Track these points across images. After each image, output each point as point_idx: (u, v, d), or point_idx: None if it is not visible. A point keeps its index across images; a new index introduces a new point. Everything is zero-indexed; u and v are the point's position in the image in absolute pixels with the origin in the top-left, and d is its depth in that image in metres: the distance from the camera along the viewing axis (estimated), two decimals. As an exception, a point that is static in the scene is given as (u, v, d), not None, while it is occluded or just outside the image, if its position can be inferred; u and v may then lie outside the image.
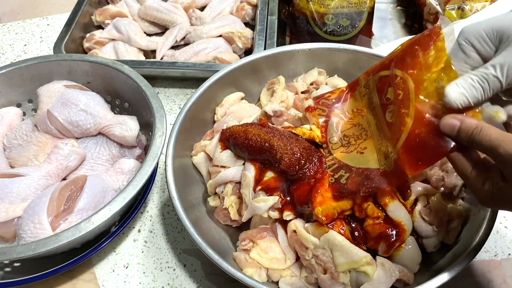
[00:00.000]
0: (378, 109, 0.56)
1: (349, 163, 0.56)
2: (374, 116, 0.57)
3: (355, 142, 0.58)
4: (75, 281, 0.64)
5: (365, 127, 0.58)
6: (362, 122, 0.59)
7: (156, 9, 0.99)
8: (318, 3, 0.89)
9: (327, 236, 0.52)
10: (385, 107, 0.54)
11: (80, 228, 0.54)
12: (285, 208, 0.56)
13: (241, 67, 0.73)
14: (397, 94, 0.50)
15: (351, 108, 0.61)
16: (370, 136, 0.57)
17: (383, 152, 0.53)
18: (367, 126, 0.58)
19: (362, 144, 0.57)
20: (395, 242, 0.53)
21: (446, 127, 0.43)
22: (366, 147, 0.56)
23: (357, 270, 0.51)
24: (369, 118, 0.58)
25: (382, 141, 0.54)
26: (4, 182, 0.63)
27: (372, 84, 0.58)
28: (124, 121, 0.71)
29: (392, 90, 0.52)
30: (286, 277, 0.56)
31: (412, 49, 0.49)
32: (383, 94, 0.54)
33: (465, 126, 0.42)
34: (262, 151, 0.58)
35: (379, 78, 0.56)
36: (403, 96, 0.49)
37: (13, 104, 0.78)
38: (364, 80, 0.59)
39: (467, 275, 0.63)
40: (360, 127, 0.59)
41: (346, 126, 0.60)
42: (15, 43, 1.07)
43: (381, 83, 0.55)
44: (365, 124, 0.58)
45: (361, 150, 0.56)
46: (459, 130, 0.42)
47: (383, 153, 0.53)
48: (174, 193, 0.58)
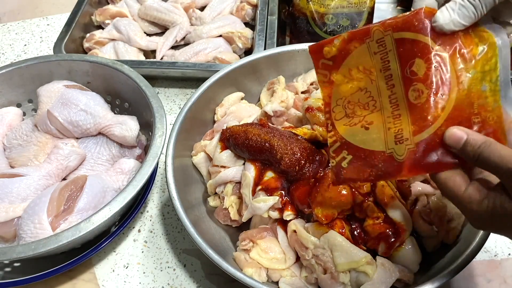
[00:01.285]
0: (397, 79, 0.47)
1: (352, 140, 0.49)
2: (388, 85, 0.47)
3: (360, 112, 0.49)
4: (75, 281, 0.64)
5: (373, 96, 0.49)
6: (370, 88, 0.49)
7: (156, 9, 0.99)
8: (318, 3, 0.89)
9: (327, 236, 0.52)
10: (409, 82, 0.45)
11: (80, 228, 0.54)
12: (285, 208, 0.56)
13: (241, 67, 0.73)
14: (430, 73, 0.43)
15: (357, 64, 0.50)
16: (379, 108, 0.48)
17: (393, 133, 0.46)
18: (377, 95, 0.48)
19: (369, 117, 0.49)
20: (395, 242, 0.53)
21: (451, 139, 0.41)
22: (373, 122, 0.48)
23: (357, 270, 0.51)
24: (381, 85, 0.48)
25: (394, 120, 0.46)
26: (4, 182, 0.63)
27: (389, 43, 0.47)
28: (124, 121, 0.71)
29: (422, 64, 0.44)
30: (286, 277, 0.56)
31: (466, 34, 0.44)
32: (407, 64, 0.46)
33: (472, 139, 0.40)
34: (262, 151, 0.58)
35: (402, 40, 0.46)
36: (440, 79, 0.43)
37: (13, 104, 0.78)
38: (378, 34, 0.48)
39: (467, 275, 0.63)
40: (368, 94, 0.49)
41: (350, 89, 0.50)
42: (15, 43, 1.07)
43: (405, 48, 0.46)
44: (375, 91, 0.49)
45: (367, 124, 0.48)
46: (466, 143, 0.40)
47: (393, 134, 0.46)
48: (174, 193, 0.58)
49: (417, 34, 0.45)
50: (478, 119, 0.42)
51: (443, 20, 0.42)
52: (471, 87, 0.43)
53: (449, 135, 0.41)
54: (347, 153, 0.49)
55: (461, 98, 0.43)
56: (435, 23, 0.42)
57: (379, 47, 0.48)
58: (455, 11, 0.42)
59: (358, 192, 0.54)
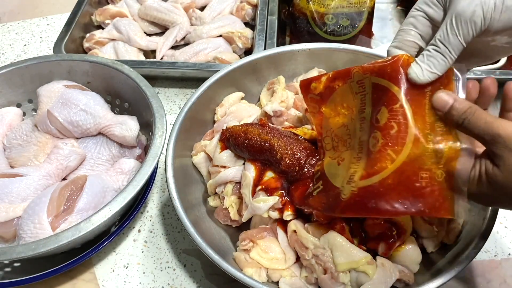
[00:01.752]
0: (367, 123, 0.47)
1: (327, 172, 0.51)
2: (361, 127, 0.48)
3: (341, 148, 0.51)
4: (75, 281, 0.64)
5: (350, 134, 0.50)
6: (350, 125, 0.50)
7: (156, 9, 0.99)
8: (318, 3, 0.89)
9: (327, 236, 0.52)
10: (373, 128, 0.46)
11: (80, 228, 0.54)
12: (285, 208, 0.56)
13: (241, 67, 0.73)
14: (389, 125, 0.44)
15: (342, 101, 0.51)
16: (350, 147, 0.49)
17: (349, 174, 0.47)
18: (352, 134, 0.50)
19: (344, 153, 0.50)
20: (395, 242, 0.53)
21: (437, 101, 0.42)
22: (344, 159, 0.50)
23: (357, 270, 0.51)
24: (356, 126, 0.49)
25: (356, 161, 0.47)
26: (4, 182, 0.63)
27: (368, 86, 0.48)
28: (124, 121, 0.71)
29: (385, 114, 0.44)
30: (286, 277, 0.56)
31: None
32: (376, 110, 0.46)
33: (458, 105, 0.41)
34: (262, 151, 0.58)
35: (377, 85, 0.47)
36: (396, 132, 0.43)
37: (13, 104, 0.78)
38: (358, 76, 0.49)
39: (467, 275, 0.63)
40: (348, 132, 0.51)
41: (337, 124, 0.52)
42: (15, 43, 1.07)
43: (378, 94, 0.46)
44: (352, 130, 0.50)
45: (340, 160, 0.50)
46: (452, 107, 0.41)
47: (349, 174, 0.47)
48: (174, 193, 0.58)
49: (389, 83, 0.45)
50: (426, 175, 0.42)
51: (416, 73, 0.43)
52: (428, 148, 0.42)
53: (436, 98, 0.42)
54: (321, 183, 0.51)
55: (414, 155, 0.42)
56: (409, 76, 0.43)
57: (359, 88, 0.49)
58: (424, 62, 0.43)
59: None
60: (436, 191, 0.42)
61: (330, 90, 0.52)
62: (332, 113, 0.53)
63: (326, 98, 0.53)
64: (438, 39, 0.42)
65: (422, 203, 0.42)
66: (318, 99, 0.54)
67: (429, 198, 0.42)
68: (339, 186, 0.48)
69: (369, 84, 0.48)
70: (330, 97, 0.53)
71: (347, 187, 0.47)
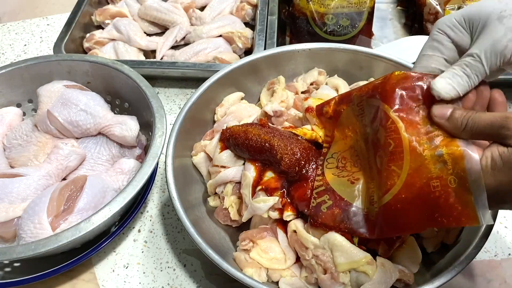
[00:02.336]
0: (370, 144, 0.49)
1: (336, 188, 0.51)
2: (366, 147, 0.50)
3: (350, 168, 0.52)
4: (75, 281, 0.64)
5: (359, 155, 0.52)
6: (356, 147, 0.52)
7: (156, 9, 0.99)
8: (318, 3, 0.89)
9: (327, 236, 0.52)
10: (376, 148, 0.48)
11: (80, 228, 0.54)
12: (285, 208, 0.56)
13: (241, 67, 0.73)
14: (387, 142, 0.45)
15: (348, 124, 0.54)
16: (362, 168, 0.51)
17: (369, 195, 0.49)
18: (360, 155, 0.52)
19: (356, 174, 0.51)
20: (395, 242, 0.53)
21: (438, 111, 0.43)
22: (359, 179, 0.51)
23: (357, 270, 0.51)
24: (362, 147, 0.51)
25: (371, 181, 0.49)
26: (4, 182, 0.63)
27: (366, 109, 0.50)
28: (124, 121, 0.71)
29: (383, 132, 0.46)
30: (286, 277, 0.56)
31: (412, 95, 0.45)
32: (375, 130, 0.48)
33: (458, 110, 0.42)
34: (262, 151, 0.58)
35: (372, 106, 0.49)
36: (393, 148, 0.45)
37: (13, 104, 0.78)
38: (357, 98, 0.51)
39: (467, 275, 0.63)
40: (355, 153, 0.52)
41: (344, 146, 0.54)
42: (15, 43, 1.07)
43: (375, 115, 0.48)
44: (359, 151, 0.52)
45: (353, 179, 0.51)
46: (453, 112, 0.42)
47: (369, 195, 0.49)
48: (174, 193, 0.58)
49: (380, 102, 0.47)
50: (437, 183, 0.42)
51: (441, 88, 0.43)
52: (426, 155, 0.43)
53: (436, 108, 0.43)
54: (328, 198, 0.51)
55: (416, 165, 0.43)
56: (433, 90, 0.43)
57: (359, 110, 0.51)
58: (450, 79, 0.43)
59: (358, 192, 0.54)
60: (451, 198, 0.41)
61: (337, 114, 0.55)
62: (341, 136, 0.54)
63: (335, 122, 0.55)
64: (465, 63, 0.43)
65: (439, 213, 0.42)
66: (330, 122, 0.56)
67: (445, 207, 0.41)
68: (363, 208, 0.49)
69: (366, 106, 0.50)
70: (338, 120, 0.55)
71: (372, 208, 0.48)
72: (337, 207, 0.51)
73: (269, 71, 0.76)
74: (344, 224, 0.50)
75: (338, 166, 0.53)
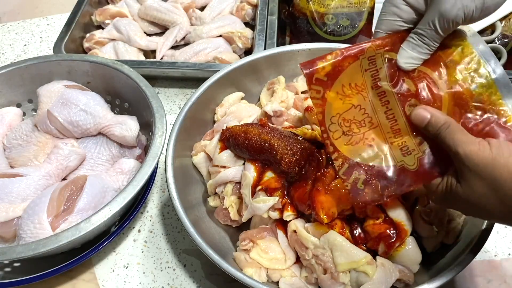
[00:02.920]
0: (392, 96, 0.49)
1: (360, 159, 0.49)
2: (382, 101, 0.49)
3: (358, 130, 0.49)
4: (75, 281, 0.64)
5: (368, 112, 0.50)
6: (364, 105, 0.50)
7: (156, 9, 0.99)
8: (318, 3, 0.89)
9: (327, 236, 0.52)
10: (405, 98, 0.49)
11: (80, 228, 0.54)
12: (285, 209, 0.56)
13: (241, 67, 0.73)
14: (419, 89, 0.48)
15: (348, 81, 0.50)
16: (376, 124, 0.49)
17: (398, 147, 0.48)
18: (372, 112, 0.50)
19: (368, 133, 0.49)
20: (395, 242, 0.53)
21: (416, 118, 0.46)
22: (374, 139, 0.49)
23: (357, 270, 0.51)
24: (375, 103, 0.49)
25: (395, 134, 0.49)
26: (4, 182, 0.63)
27: (380, 62, 0.49)
28: (124, 121, 0.71)
29: (411, 82, 0.49)
30: (286, 277, 0.56)
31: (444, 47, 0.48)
32: (399, 82, 0.49)
33: (434, 120, 0.45)
34: (262, 151, 0.58)
35: (391, 60, 0.49)
36: (431, 94, 0.48)
37: (13, 104, 0.78)
38: (370, 51, 0.49)
39: (467, 275, 0.63)
40: (363, 111, 0.50)
41: (343, 106, 0.50)
42: (15, 43, 1.07)
43: (393, 68, 0.49)
44: (369, 108, 0.50)
45: (369, 142, 0.49)
46: (428, 123, 0.45)
47: (398, 147, 0.48)
48: (174, 193, 0.58)
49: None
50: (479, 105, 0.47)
51: (404, 62, 0.48)
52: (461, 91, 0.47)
53: (414, 114, 0.47)
54: (358, 173, 0.49)
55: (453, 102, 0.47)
56: (398, 62, 0.48)
57: (370, 64, 0.50)
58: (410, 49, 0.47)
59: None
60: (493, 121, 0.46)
61: (339, 70, 0.50)
62: (338, 96, 0.50)
63: (333, 80, 0.50)
64: (421, 32, 0.46)
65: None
66: (325, 81, 0.50)
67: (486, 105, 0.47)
68: (394, 164, 0.49)
69: (381, 60, 0.49)
70: (338, 78, 0.50)
71: (409, 158, 0.48)
72: (372, 177, 0.49)
73: (269, 71, 0.76)
74: (388, 189, 0.48)
75: (344, 131, 0.50)
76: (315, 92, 0.50)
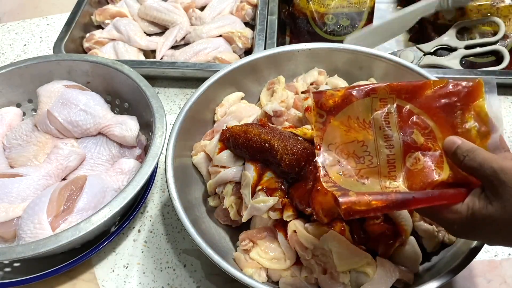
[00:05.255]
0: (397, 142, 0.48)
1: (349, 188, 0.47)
2: (387, 145, 0.48)
3: (355, 165, 0.49)
4: (75, 281, 0.64)
5: (370, 151, 0.49)
6: (367, 142, 0.49)
7: (156, 9, 0.99)
8: (318, 3, 0.89)
9: (327, 236, 0.52)
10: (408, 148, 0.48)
11: (80, 228, 0.54)
12: (285, 209, 0.56)
13: (241, 67, 0.73)
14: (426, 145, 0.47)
15: (356, 115, 0.49)
16: (375, 165, 0.48)
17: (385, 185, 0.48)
18: (374, 152, 0.49)
19: (364, 171, 0.48)
20: (395, 243, 0.53)
21: (448, 143, 0.46)
22: (368, 178, 0.48)
23: (357, 270, 0.51)
24: (379, 144, 0.49)
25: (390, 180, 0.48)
26: (4, 182, 0.63)
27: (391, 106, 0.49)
28: (124, 121, 0.71)
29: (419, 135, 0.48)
30: (286, 277, 0.56)
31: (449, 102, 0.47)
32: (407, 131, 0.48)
33: (463, 145, 0.44)
34: (262, 151, 0.57)
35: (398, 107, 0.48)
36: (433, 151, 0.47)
37: (13, 104, 0.78)
38: (383, 93, 0.49)
39: (467, 275, 0.63)
40: (365, 149, 0.49)
41: (346, 138, 0.49)
42: (15, 43, 1.07)
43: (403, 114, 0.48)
44: (372, 148, 0.49)
45: (363, 180, 0.48)
46: (458, 147, 0.44)
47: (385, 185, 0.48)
48: (174, 193, 0.58)
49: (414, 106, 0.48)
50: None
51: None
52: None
53: (446, 141, 0.46)
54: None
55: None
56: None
57: (381, 106, 0.49)
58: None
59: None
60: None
61: (346, 102, 0.50)
62: (342, 127, 0.50)
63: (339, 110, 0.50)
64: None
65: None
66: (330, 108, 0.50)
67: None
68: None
69: (392, 104, 0.49)
70: (345, 109, 0.50)
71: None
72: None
73: (269, 71, 0.76)
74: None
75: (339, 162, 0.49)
76: (318, 116, 0.50)
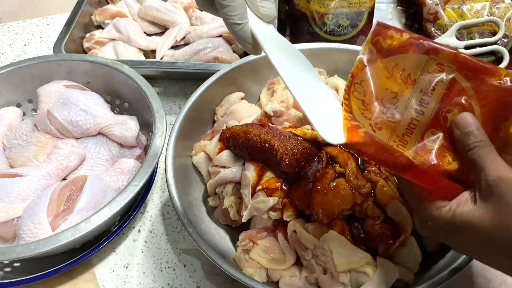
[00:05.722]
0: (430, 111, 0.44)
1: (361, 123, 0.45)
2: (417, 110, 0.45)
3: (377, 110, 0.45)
4: (75, 281, 0.64)
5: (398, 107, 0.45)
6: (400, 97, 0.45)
7: (156, 9, 0.99)
8: (318, 3, 0.89)
9: (327, 236, 0.52)
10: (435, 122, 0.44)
11: (80, 228, 0.54)
12: (285, 209, 0.56)
13: (241, 67, 0.73)
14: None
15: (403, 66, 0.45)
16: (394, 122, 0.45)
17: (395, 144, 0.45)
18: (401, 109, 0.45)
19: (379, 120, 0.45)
20: (395, 242, 0.53)
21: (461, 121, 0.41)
22: (381, 128, 0.45)
23: (357, 270, 0.51)
24: (410, 103, 0.45)
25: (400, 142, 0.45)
26: (4, 182, 0.63)
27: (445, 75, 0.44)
28: (124, 121, 0.71)
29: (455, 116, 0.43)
30: (286, 277, 0.56)
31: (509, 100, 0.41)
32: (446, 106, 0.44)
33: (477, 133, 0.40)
34: (262, 151, 0.58)
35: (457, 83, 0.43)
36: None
37: (13, 104, 0.78)
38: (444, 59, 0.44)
39: (467, 275, 0.63)
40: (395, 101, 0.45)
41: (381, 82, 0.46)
42: (15, 43, 1.07)
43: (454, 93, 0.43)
44: (401, 104, 0.45)
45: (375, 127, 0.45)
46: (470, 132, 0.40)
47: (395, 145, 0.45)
48: (174, 193, 0.58)
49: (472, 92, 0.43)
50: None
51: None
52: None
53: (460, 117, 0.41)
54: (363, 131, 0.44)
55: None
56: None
57: (435, 70, 0.44)
58: None
59: (358, 192, 0.54)
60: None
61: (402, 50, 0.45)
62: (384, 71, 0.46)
63: (389, 54, 0.46)
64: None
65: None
66: (382, 49, 0.46)
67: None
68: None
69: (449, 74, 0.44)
70: (396, 55, 0.46)
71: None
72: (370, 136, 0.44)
73: (269, 71, 0.76)
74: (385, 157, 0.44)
75: (364, 100, 0.46)
76: (368, 51, 0.47)
